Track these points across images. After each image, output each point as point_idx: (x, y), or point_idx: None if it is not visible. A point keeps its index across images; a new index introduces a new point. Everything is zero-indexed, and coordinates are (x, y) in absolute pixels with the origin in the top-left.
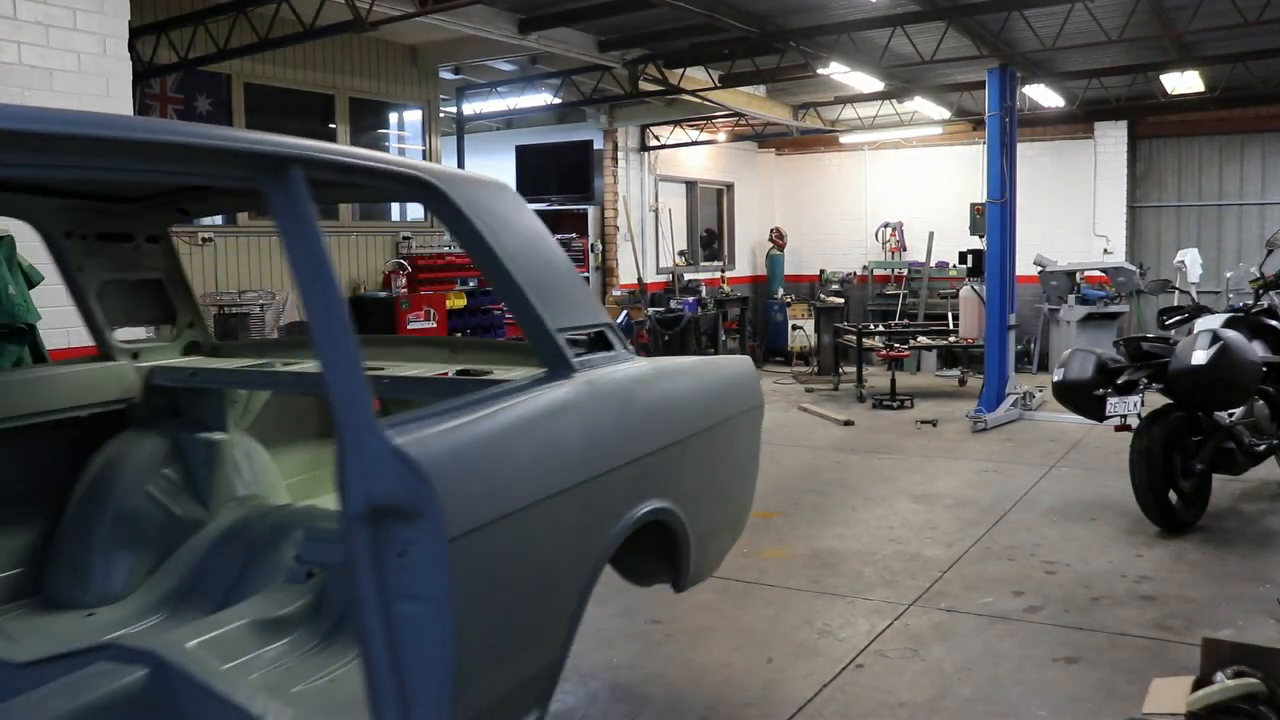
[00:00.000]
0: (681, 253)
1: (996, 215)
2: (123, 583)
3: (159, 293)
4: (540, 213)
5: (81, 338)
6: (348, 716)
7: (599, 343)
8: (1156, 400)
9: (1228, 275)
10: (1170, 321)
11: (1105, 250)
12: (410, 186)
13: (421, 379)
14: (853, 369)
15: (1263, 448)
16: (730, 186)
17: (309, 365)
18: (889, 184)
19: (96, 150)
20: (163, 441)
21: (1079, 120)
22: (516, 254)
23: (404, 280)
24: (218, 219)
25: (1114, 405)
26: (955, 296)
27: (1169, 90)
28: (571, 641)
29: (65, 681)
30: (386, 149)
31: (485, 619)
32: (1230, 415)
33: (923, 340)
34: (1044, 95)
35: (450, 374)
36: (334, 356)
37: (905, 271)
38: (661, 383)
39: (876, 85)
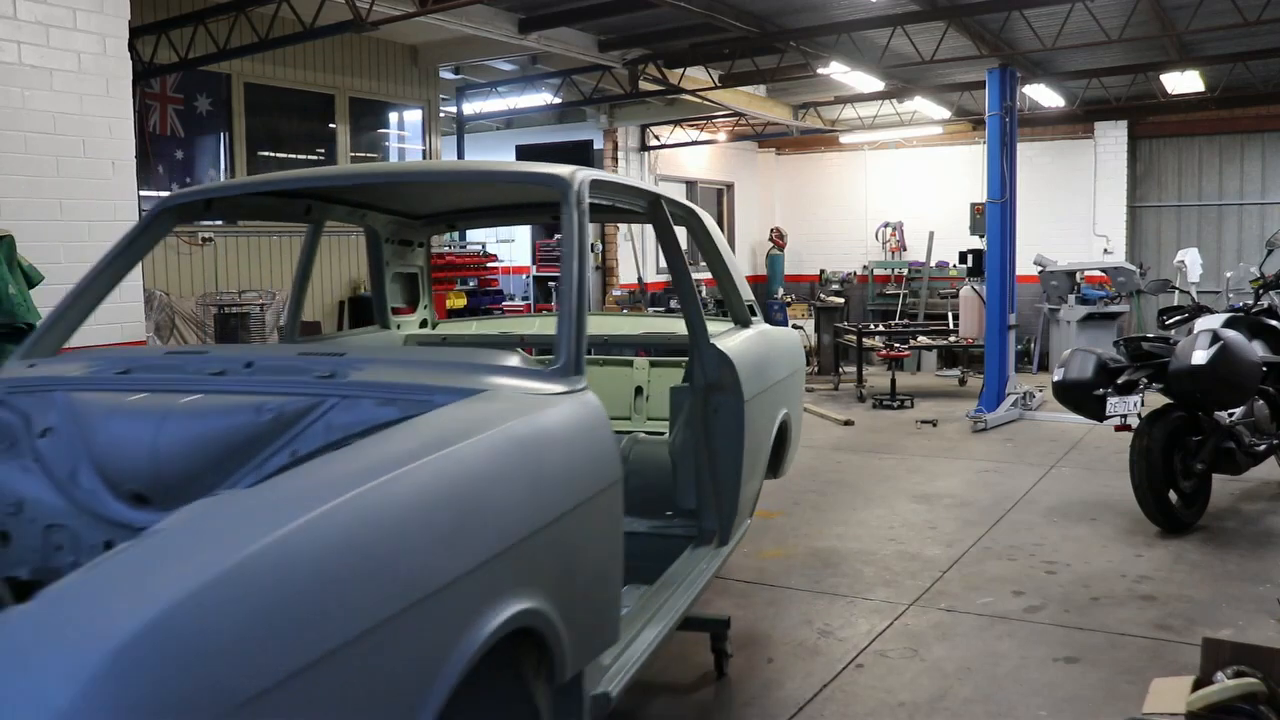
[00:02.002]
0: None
1: (996, 215)
2: None
3: (414, 283)
4: None
5: (82, 338)
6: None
7: (751, 310)
8: (1156, 400)
9: (1228, 275)
10: (1170, 321)
11: (1105, 250)
12: (680, 210)
13: (669, 333)
14: (853, 369)
15: (1263, 448)
16: (730, 186)
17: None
18: (889, 184)
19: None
20: None
21: (1079, 120)
22: (725, 255)
23: None
24: (217, 219)
25: (1114, 405)
26: (955, 296)
27: (1169, 90)
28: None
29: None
30: (386, 149)
31: (749, 450)
32: (1230, 415)
33: (923, 340)
34: (1044, 95)
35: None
36: (689, 308)
37: (905, 271)
38: (777, 333)
39: (876, 85)
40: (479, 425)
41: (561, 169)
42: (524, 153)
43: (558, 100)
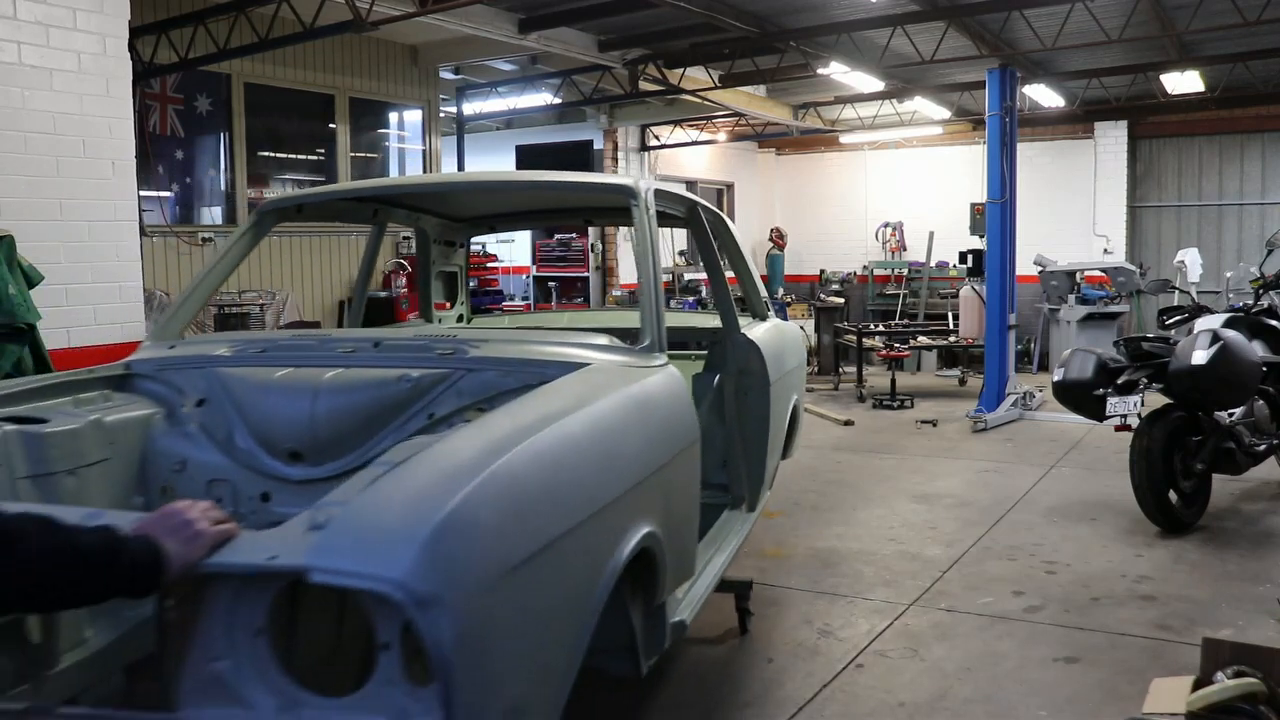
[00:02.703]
0: (681, 252)
1: (996, 215)
2: None
3: (454, 280)
4: None
5: (82, 338)
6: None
7: (765, 306)
8: (1156, 400)
9: (1228, 275)
10: (1170, 321)
11: (1105, 250)
12: (710, 214)
13: (697, 327)
14: (853, 369)
15: (1263, 448)
16: (730, 186)
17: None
18: (889, 184)
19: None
20: None
21: (1079, 120)
22: (746, 255)
23: (404, 280)
24: (218, 219)
25: (1114, 405)
26: (955, 296)
27: (1169, 90)
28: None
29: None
30: (386, 149)
31: (773, 427)
32: (1230, 415)
33: (923, 340)
34: (1044, 95)
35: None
36: (723, 303)
37: (905, 271)
38: (787, 327)
39: (876, 85)
40: (602, 390)
41: (630, 180)
42: (524, 153)
43: (558, 100)
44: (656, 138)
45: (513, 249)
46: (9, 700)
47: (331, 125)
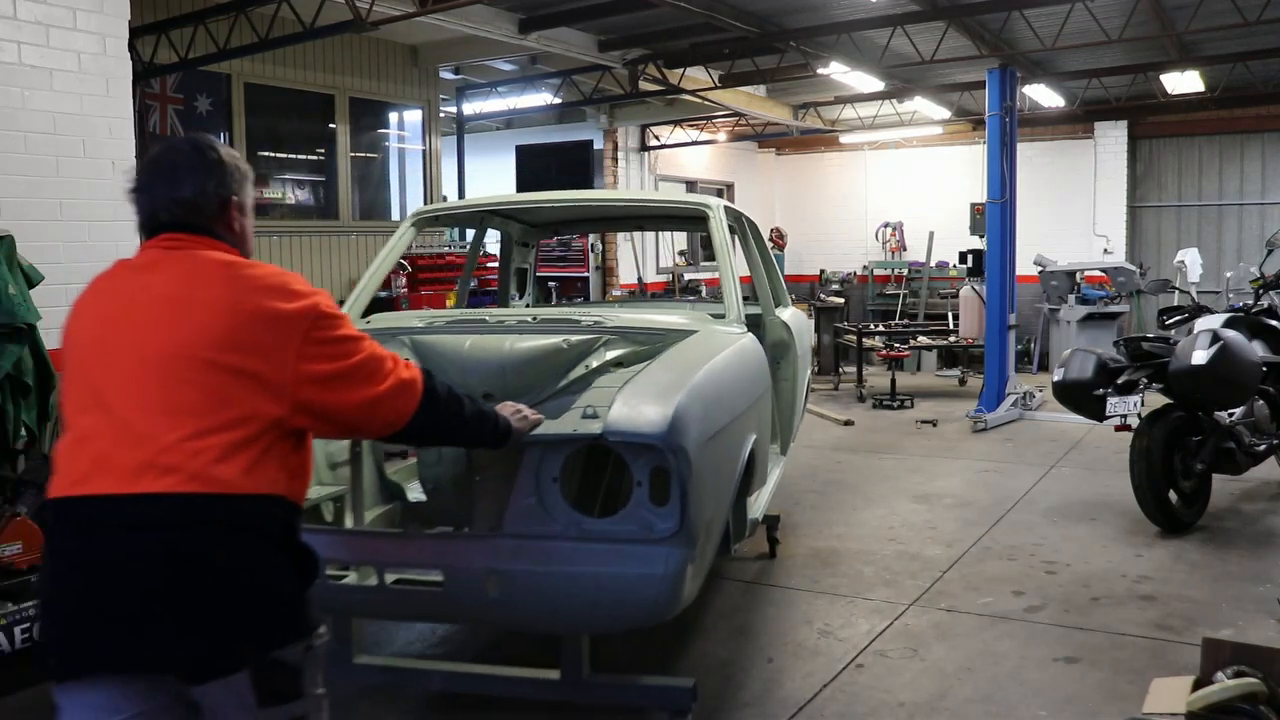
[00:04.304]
0: (681, 252)
1: (996, 215)
2: None
3: (525, 277)
4: None
5: None
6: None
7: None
8: (1156, 400)
9: (1228, 275)
10: (1170, 321)
11: (1105, 250)
12: (749, 223)
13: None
14: (853, 369)
15: (1263, 448)
16: (730, 186)
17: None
18: (889, 184)
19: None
20: None
21: (1079, 120)
22: (770, 254)
23: (404, 280)
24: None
25: (1114, 405)
26: (955, 296)
27: (1169, 90)
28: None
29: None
30: (386, 149)
31: (799, 388)
32: (1230, 415)
33: (923, 340)
34: (1044, 95)
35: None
36: (764, 294)
37: (905, 271)
38: (800, 315)
39: (876, 85)
40: (720, 345)
41: (708, 199)
42: (524, 153)
43: (558, 100)
44: (656, 138)
45: None
46: (391, 528)
47: (331, 125)
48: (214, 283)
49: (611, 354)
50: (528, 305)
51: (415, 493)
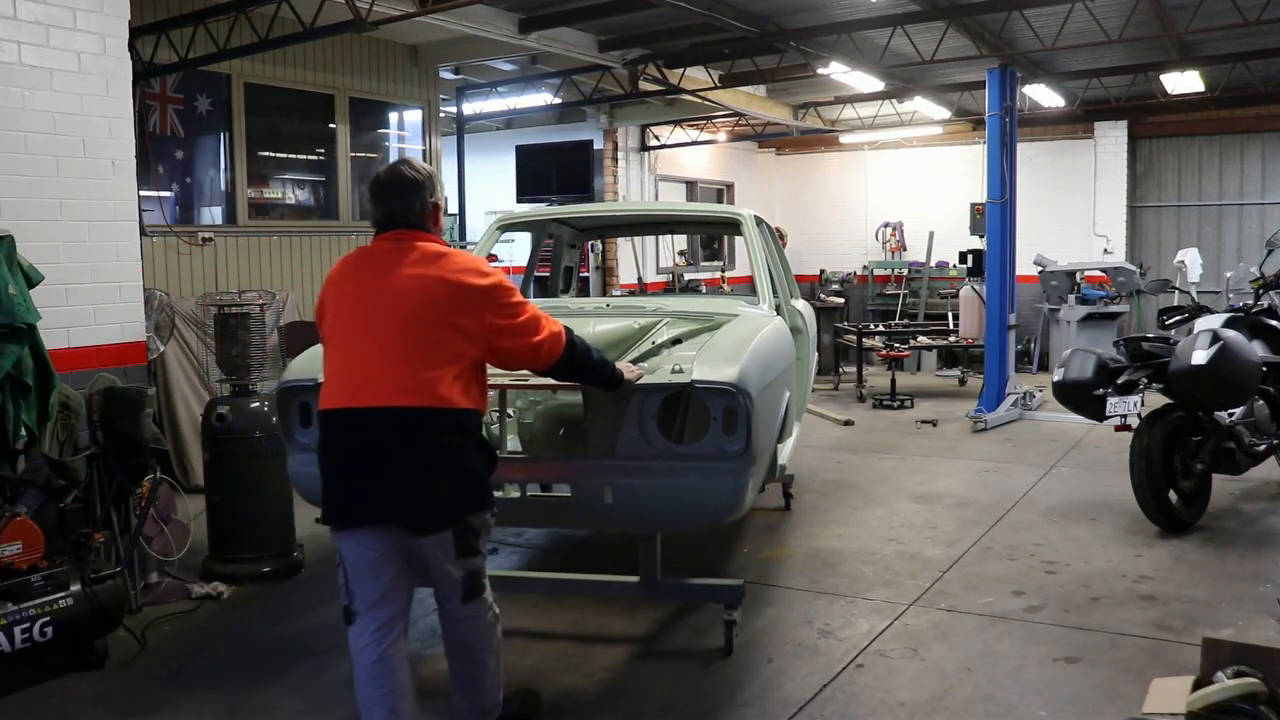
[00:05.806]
0: (681, 253)
1: (996, 215)
2: None
3: (571, 274)
4: None
5: (82, 338)
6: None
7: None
8: (1156, 400)
9: (1228, 275)
10: (1170, 321)
11: (1105, 250)
12: (768, 227)
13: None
14: (853, 369)
15: (1263, 448)
16: (730, 186)
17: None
18: (889, 184)
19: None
20: None
21: (1079, 120)
22: (784, 255)
23: None
24: (218, 219)
25: (1114, 405)
26: (955, 296)
27: (1169, 90)
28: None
29: None
30: (386, 149)
31: (810, 366)
32: (1230, 415)
33: (923, 340)
34: (1044, 95)
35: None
36: (781, 287)
37: (905, 271)
38: (808, 307)
39: (876, 85)
40: (762, 323)
41: (740, 210)
42: (524, 153)
43: (558, 100)
44: (656, 138)
45: (513, 249)
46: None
47: (331, 125)
48: (434, 267)
49: (671, 333)
50: (571, 297)
51: (514, 444)
